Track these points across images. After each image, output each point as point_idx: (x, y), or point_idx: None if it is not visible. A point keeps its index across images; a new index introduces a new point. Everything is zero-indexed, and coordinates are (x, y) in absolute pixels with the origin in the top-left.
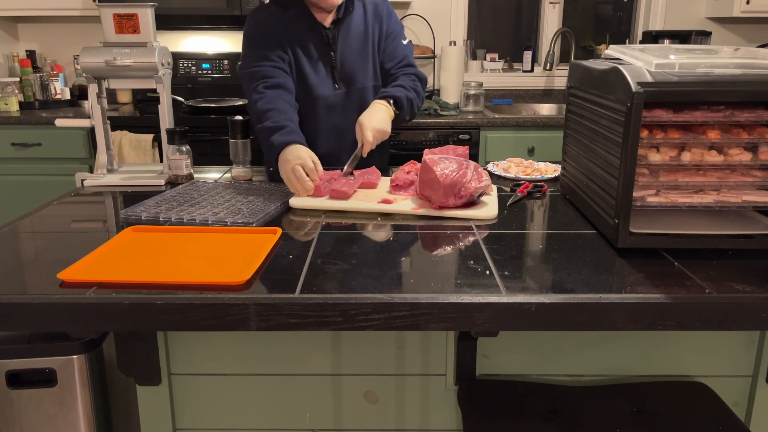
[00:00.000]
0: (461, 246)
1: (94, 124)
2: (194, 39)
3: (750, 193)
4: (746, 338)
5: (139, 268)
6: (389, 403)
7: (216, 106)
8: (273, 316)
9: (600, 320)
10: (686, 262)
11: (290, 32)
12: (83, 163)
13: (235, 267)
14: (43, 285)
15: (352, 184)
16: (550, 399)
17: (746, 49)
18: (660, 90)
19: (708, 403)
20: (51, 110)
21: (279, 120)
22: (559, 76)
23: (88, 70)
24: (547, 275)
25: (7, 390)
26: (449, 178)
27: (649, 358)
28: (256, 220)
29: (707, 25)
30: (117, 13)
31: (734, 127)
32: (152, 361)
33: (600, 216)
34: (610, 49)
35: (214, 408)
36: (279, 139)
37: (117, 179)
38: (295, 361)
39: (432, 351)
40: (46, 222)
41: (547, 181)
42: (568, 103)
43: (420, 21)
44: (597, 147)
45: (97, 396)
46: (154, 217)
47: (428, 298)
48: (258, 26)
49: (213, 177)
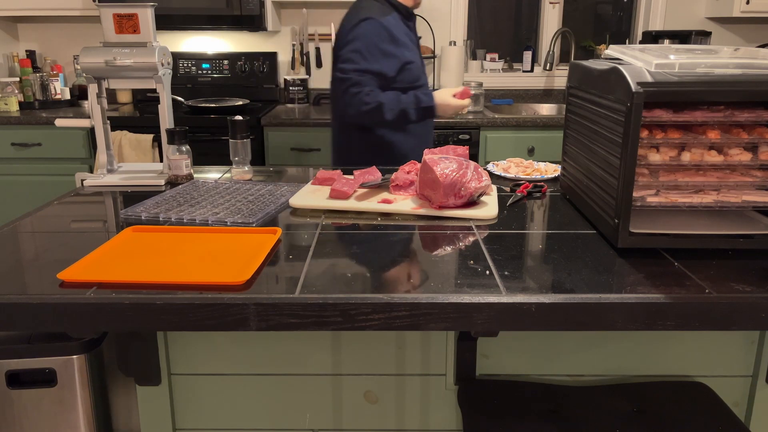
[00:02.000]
0: (461, 246)
1: (94, 124)
2: (194, 39)
3: (750, 193)
4: (746, 338)
5: (139, 268)
6: (389, 403)
7: (216, 106)
8: (273, 316)
9: (600, 320)
10: (686, 262)
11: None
12: (83, 163)
13: (235, 267)
14: (43, 285)
15: (352, 184)
16: (550, 399)
17: (746, 49)
18: (660, 90)
19: (708, 403)
20: (51, 110)
21: (402, 96)
22: (559, 76)
23: (88, 70)
24: (547, 275)
25: (7, 390)
26: (449, 178)
27: (649, 358)
28: (256, 220)
29: (707, 25)
30: (117, 13)
31: (734, 127)
32: (152, 361)
33: (600, 216)
34: (610, 49)
35: (214, 408)
36: (424, 98)
37: (117, 179)
38: (295, 361)
39: (432, 351)
40: (46, 222)
41: (547, 181)
42: (568, 103)
43: (420, 21)
44: (597, 147)
45: (97, 396)
46: (154, 217)
47: (428, 298)
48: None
49: (213, 177)
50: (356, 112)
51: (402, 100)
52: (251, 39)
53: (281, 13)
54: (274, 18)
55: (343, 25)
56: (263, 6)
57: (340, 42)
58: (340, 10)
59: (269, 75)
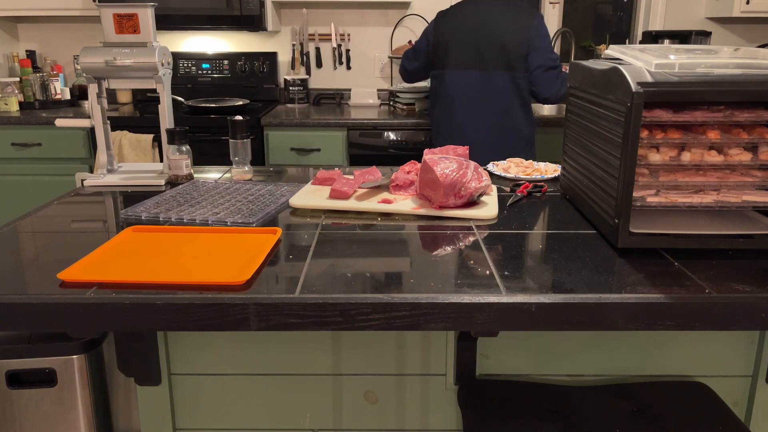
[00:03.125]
0: (461, 246)
1: (94, 124)
2: (194, 39)
3: (750, 193)
4: (746, 338)
5: (139, 268)
6: (389, 403)
7: (216, 106)
8: (273, 316)
9: (600, 320)
10: (686, 262)
11: None
12: (83, 163)
13: (235, 267)
14: (43, 285)
15: (352, 184)
16: (550, 399)
17: (746, 49)
18: (660, 90)
19: (708, 403)
20: (51, 110)
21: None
22: None
23: (88, 70)
24: (547, 275)
25: (7, 390)
26: (449, 178)
27: (649, 358)
28: (256, 220)
29: (707, 25)
30: (117, 13)
31: (734, 127)
32: (152, 361)
33: (600, 216)
34: (610, 49)
35: (214, 408)
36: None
37: (117, 179)
38: (295, 361)
39: (432, 351)
40: (46, 222)
41: (547, 181)
42: (568, 103)
43: (420, 21)
44: (597, 147)
45: (97, 396)
46: (154, 217)
47: (428, 298)
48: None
49: (213, 177)
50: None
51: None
52: (251, 39)
53: (281, 13)
54: (274, 18)
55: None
56: (263, 6)
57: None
58: (340, 10)
59: (269, 75)
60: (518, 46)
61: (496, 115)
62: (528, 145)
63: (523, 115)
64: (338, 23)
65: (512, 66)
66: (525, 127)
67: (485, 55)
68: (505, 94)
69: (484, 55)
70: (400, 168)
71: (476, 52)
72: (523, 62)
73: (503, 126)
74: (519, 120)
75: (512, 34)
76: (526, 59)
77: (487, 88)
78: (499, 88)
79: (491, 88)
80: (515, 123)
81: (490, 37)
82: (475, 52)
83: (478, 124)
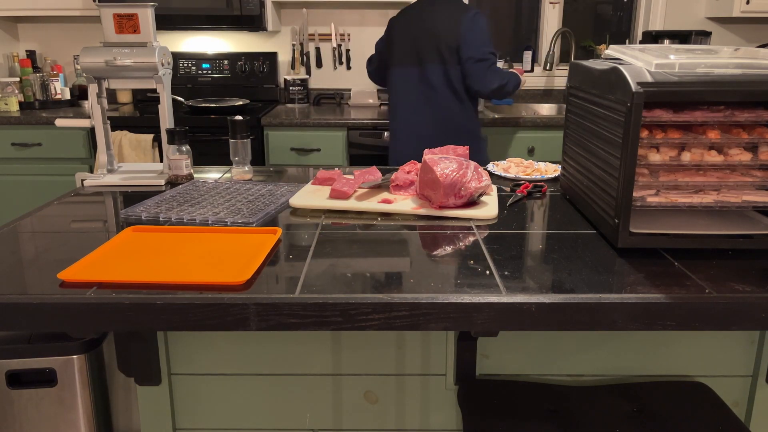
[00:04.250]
0: (461, 246)
1: (94, 124)
2: (194, 39)
3: (750, 193)
4: (746, 338)
5: (139, 268)
6: (389, 403)
7: (216, 106)
8: (273, 316)
9: (600, 320)
10: (686, 262)
11: None
12: (83, 163)
13: (235, 267)
14: (43, 285)
15: (352, 184)
16: (550, 399)
17: (746, 49)
18: (660, 90)
19: (708, 403)
20: (51, 110)
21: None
22: (559, 76)
23: (88, 70)
24: (547, 275)
25: (7, 390)
26: (449, 178)
27: (649, 358)
28: (256, 220)
29: (707, 25)
30: (117, 13)
31: (734, 127)
32: (152, 361)
33: (600, 216)
34: (610, 49)
35: (214, 408)
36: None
37: (117, 179)
38: (295, 361)
39: (432, 351)
40: (46, 222)
41: (547, 181)
42: (568, 103)
43: None
44: (597, 147)
45: (97, 396)
46: (154, 217)
47: (428, 298)
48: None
49: (213, 177)
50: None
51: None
52: (251, 39)
53: (281, 13)
54: (274, 18)
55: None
56: (263, 6)
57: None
58: (340, 10)
59: (269, 75)
60: (449, 38)
61: (434, 110)
62: (473, 139)
63: (459, 108)
64: (338, 23)
65: (444, 59)
66: (463, 120)
67: (421, 50)
68: (439, 87)
69: (420, 51)
70: (400, 168)
71: (413, 48)
72: (455, 55)
73: (444, 120)
74: (456, 113)
75: (445, 28)
76: (457, 52)
77: (424, 82)
78: (433, 81)
79: (427, 82)
80: (452, 117)
81: (425, 33)
82: (412, 48)
83: (422, 119)
